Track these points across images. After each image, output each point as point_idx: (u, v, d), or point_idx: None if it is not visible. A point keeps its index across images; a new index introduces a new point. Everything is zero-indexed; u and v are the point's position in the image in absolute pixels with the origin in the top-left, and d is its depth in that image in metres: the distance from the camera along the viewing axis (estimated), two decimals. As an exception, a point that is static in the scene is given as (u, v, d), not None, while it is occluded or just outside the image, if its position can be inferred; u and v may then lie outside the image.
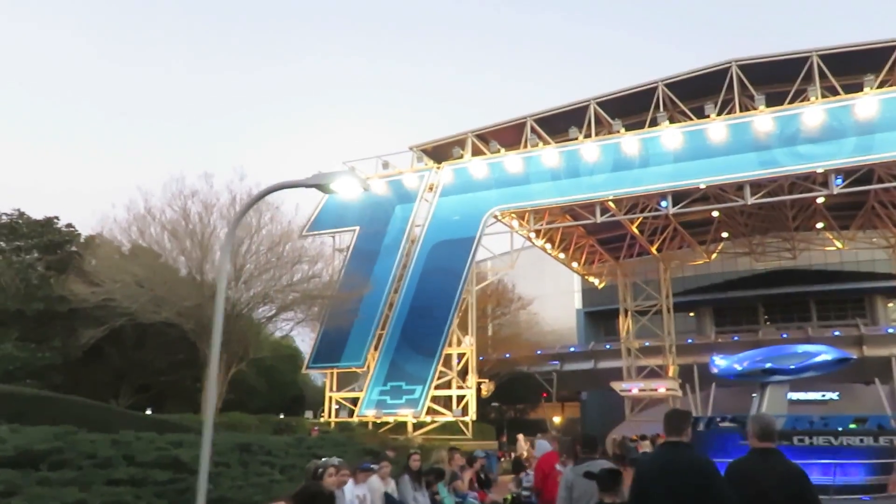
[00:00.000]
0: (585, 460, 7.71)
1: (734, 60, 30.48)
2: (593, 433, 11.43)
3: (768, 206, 38.99)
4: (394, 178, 36.05)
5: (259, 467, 10.09)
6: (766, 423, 5.26)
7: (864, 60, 28.38)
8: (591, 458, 7.56)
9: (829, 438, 20.17)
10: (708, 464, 5.13)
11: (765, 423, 5.25)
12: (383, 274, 33.90)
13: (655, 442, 23.58)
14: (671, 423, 5.35)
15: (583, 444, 8.43)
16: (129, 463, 8.38)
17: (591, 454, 7.66)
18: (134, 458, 8.50)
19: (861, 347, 43.63)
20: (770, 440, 5.15)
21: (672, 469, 5.09)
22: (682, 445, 5.25)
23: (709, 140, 29.50)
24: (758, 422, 5.27)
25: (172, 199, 25.34)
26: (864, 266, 51.16)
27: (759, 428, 5.17)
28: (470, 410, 31.40)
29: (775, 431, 5.24)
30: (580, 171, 31.64)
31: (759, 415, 5.75)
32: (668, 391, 43.05)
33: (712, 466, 5.08)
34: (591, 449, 7.82)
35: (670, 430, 5.32)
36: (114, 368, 29.28)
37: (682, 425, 5.32)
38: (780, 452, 5.18)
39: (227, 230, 7.88)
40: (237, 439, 11.31)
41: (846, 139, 27.20)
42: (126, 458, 8.39)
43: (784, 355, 23.34)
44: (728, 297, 55.38)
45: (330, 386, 34.47)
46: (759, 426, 5.20)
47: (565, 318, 60.88)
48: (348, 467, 9.22)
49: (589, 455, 7.65)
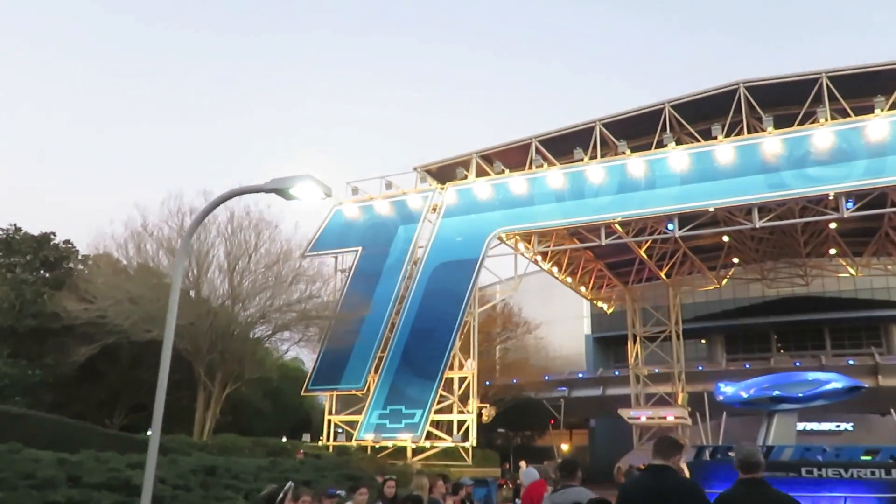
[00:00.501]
0: (565, 487, 7.29)
1: (742, 82, 30.01)
2: (574, 458, 10.87)
3: (779, 232, 38.34)
4: (397, 198, 35.74)
5: (222, 491, 9.56)
6: (747, 453, 5.11)
7: (874, 82, 27.81)
8: (570, 484, 7.19)
9: (839, 470, 19.34)
10: (694, 487, 5.26)
11: (746, 453, 5.11)
12: (385, 295, 33.43)
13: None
14: (660, 447, 5.42)
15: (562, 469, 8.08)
16: (75, 484, 7.89)
17: (570, 480, 7.28)
18: (80, 480, 8.01)
19: (876, 377, 42.55)
20: (754, 471, 5.01)
21: (657, 492, 5.14)
22: (668, 469, 5.26)
23: (716, 162, 28.97)
24: (739, 453, 5.15)
25: (169, 217, 25.12)
26: (879, 294, 50.14)
27: (740, 460, 5.07)
28: (471, 436, 30.67)
29: (759, 462, 5.04)
30: (585, 193, 31.17)
31: (740, 445, 5.50)
32: (676, 419, 42.04)
33: (698, 489, 5.20)
34: (570, 474, 7.39)
35: (658, 454, 5.37)
36: (109, 387, 28.85)
37: (670, 450, 5.36)
38: (767, 483, 5.01)
39: (186, 232, 7.47)
40: (203, 461, 10.80)
41: (857, 162, 26.58)
42: (71, 479, 7.92)
43: (792, 382, 22.61)
44: (740, 323, 54.39)
45: (329, 409, 33.88)
46: (740, 458, 5.09)
47: (574, 343, 60.12)
48: (311, 493, 8.70)
49: (568, 482, 7.28)
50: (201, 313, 24.25)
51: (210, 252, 25.68)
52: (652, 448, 5.52)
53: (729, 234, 36.95)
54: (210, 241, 25.89)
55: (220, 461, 11.43)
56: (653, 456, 5.42)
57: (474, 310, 33.60)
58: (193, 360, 25.31)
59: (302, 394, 35.10)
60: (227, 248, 25.74)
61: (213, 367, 25.54)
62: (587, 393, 53.20)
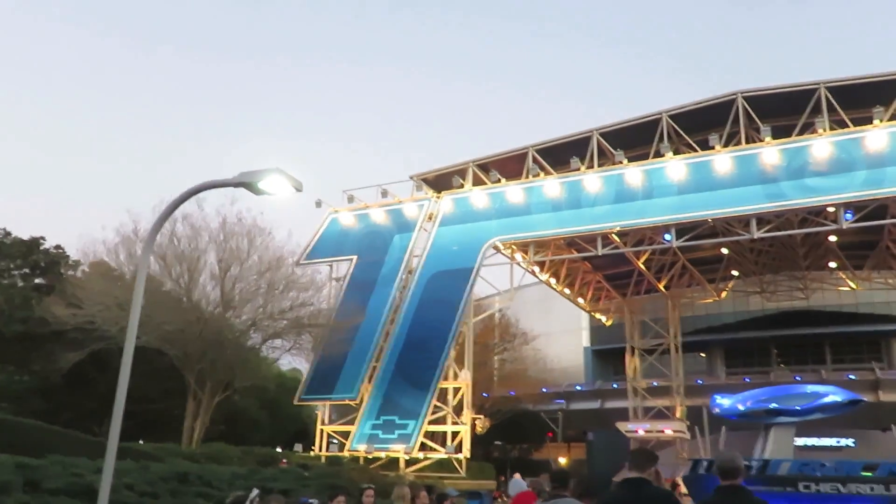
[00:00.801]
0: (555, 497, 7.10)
1: (740, 92, 29.79)
2: (565, 469, 10.58)
3: (779, 244, 38.02)
4: (393, 207, 35.50)
5: (192, 499, 9.26)
6: (725, 459, 5.10)
7: (873, 92, 27.55)
8: (562, 495, 7.07)
9: (836, 485, 18.98)
10: (669, 496, 5.42)
11: (724, 459, 5.11)
12: (380, 304, 33.13)
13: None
14: (635, 459, 5.49)
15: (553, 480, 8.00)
16: (33, 489, 7.59)
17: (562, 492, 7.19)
18: (39, 485, 7.71)
19: (877, 392, 42.18)
20: (732, 477, 4.96)
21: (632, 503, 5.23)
22: (642, 481, 5.30)
23: (714, 172, 28.70)
24: (718, 459, 5.21)
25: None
26: (879, 308, 49.70)
27: (719, 466, 5.08)
28: (464, 447, 30.25)
29: (737, 468, 4.99)
30: (582, 203, 30.91)
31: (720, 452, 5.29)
32: (675, 433, 41.61)
33: (673, 499, 5.36)
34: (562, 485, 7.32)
35: (633, 467, 5.41)
36: (99, 395, 28.47)
37: (645, 463, 5.42)
38: (746, 490, 4.99)
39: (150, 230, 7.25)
40: (176, 468, 10.48)
41: (856, 172, 26.28)
42: (29, 484, 7.61)
43: (790, 395, 22.37)
44: (739, 337, 53.92)
45: (322, 418, 33.50)
46: (718, 464, 5.11)
47: (573, 355, 59.69)
48: (282, 501, 8.39)
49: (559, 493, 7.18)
50: (191, 320, 23.94)
51: (202, 258, 25.41)
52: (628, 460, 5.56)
53: (728, 245, 36.62)
54: (202, 246, 25.65)
55: (194, 468, 11.12)
56: (628, 469, 5.45)
57: (469, 319, 33.27)
58: (183, 367, 24.98)
59: (294, 403, 34.68)
60: (218, 254, 25.47)
61: (204, 375, 25.22)
62: (585, 406, 52.76)
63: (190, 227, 25.22)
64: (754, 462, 20.10)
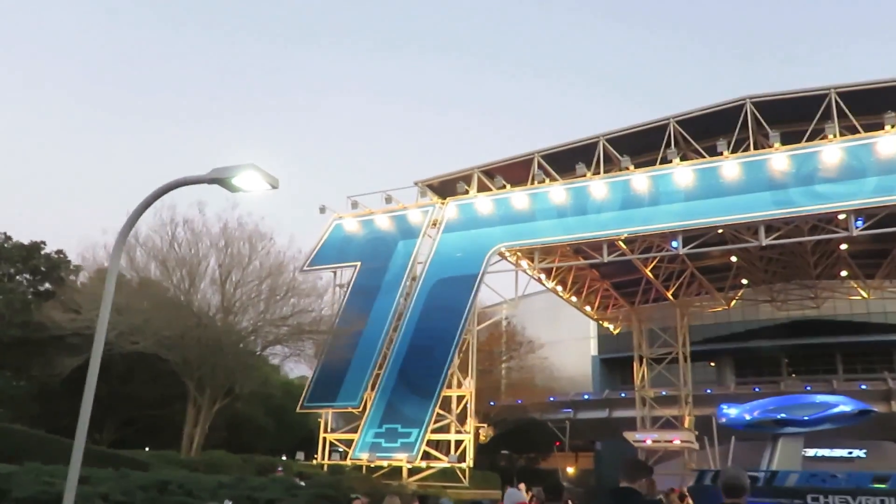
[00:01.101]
0: None
1: (749, 97, 29.35)
2: (560, 482, 10.27)
3: (788, 252, 37.43)
4: (397, 213, 35.22)
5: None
6: (730, 476, 4.90)
7: (884, 98, 27.00)
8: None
9: (846, 497, 18.46)
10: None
11: (729, 476, 4.91)
12: (383, 311, 32.82)
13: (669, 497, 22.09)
14: (626, 469, 5.39)
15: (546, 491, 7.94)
16: (1, 497, 7.32)
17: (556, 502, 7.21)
18: (8, 493, 7.44)
19: (889, 403, 41.44)
20: (737, 496, 4.75)
21: None
22: (631, 491, 5.23)
23: (722, 178, 28.26)
24: (723, 476, 5.00)
25: (161, 227, 24.71)
26: (892, 317, 49.04)
27: (723, 483, 4.87)
28: (468, 456, 29.84)
29: (742, 486, 4.77)
30: (588, 209, 30.52)
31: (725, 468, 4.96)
32: (683, 443, 40.97)
33: None
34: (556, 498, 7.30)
35: (624, 477, 5.31)
36: (98, 400, 28.11)
37: (635, 473, 5.34)
38: None
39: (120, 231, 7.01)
40: (157, 476, 10.19)
41: (866, 179, 25.80)
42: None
43: (799, 405, 21.83)
44: (749, 346, 53.28)
45: (326, 426, 33.18)
46: (723, 480, 4.90)
47: (581, 364, 59.20)
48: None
49: None
50: (190, 325, 23.72)
51: (202, 263, 25.21)
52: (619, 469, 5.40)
53: (737, 253, 36.13)
54: (203, 251, 25.45)
55: (176, 476, 10.82)
56: (619, 479, 5.30)
57: (473, 327, 32.90)
58: (182, 373, 24.74)
59: (298, 410, 34.36)
60: (219, 259, 25.27)
61: (204, 381, 24.97)
62: (593, 415, 52.20)
63: (191, 231, 25.05)
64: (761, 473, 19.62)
